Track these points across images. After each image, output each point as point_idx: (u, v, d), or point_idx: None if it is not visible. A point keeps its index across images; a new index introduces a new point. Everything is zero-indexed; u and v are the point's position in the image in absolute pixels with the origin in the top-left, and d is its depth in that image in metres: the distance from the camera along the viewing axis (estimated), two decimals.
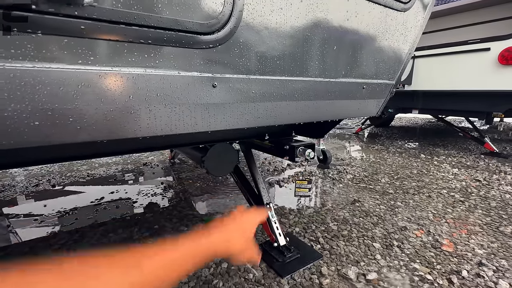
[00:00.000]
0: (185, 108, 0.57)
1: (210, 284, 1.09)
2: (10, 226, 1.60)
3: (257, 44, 0.64)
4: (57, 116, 0.43)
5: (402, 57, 1.03)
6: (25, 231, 1.54)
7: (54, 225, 1.59)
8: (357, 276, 1.14)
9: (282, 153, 1.11)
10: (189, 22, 0.54)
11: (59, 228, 1.56)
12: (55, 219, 1.67)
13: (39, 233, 1.51)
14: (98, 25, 0.45)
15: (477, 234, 1.46)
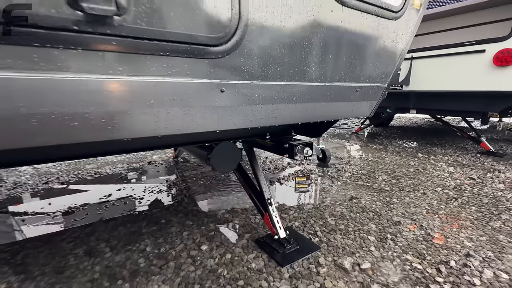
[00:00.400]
0: (197, 111, 0.65)
1: (215, 272, 1.18)
2: (24, 221, 1.69)
3: (260, 53, 0.72)
4: (95, 117, 0.51)
5: (394, 62, 1.11)
6: (39, 226, 1.62)
7: (66, 220, 1.68)
8: (352, 265, 1.22)
9: (282, 151, 1.19)
10: (200, 36, 0.62)
11: (72, 223, 1.65)
12: (67, 215, 1.76)
13: (53, 228, 1.59)
14: (126, 41, 0.53)
15: (467, 228, 1.54)
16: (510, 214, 1.71)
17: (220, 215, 1.71)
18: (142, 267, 1.22)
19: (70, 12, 0.47)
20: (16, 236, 1.50)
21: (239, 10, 0.65)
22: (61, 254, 1.32)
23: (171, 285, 1.10)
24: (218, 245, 1.38)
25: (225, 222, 1.62)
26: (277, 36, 0.75)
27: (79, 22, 0.48)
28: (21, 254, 1.32)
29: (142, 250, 1.35)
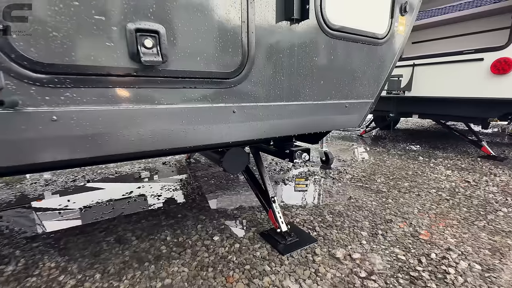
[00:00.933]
0: (216, 127, 0.86)
1: (226, 258, 1.38)
2: (61, 214, 1.94)
3: (263, 81, 0.93)
4: (145, 134, 0.73)
5: (380, 81, 1.29)
6: (73, 219, 1.87)
7: (95, 214, 1.92)
8: (344, 256, 1.40)
9: (283, 156, 1.40)
10: (218, 72, 0.83)
11: (100, 215, 1.89)
12: (95, 209, 2.00)
13: (84, 220, 1.84)
14: (166, 79, 0.74)
15: (453, 226, 1.70)
16: (496, 214, 1.85)
17: (229, 211, 1.92)
18: (164, 252, 1.44)
19: (132, 63, 0.68)
20: (55, 226, 1.75)
21: (248, 51, 0.85)
22: (96, 241, 1.56)
23: (189, 267, 1.32)
24: (228, 236, 1.59)
25: (234, 217, 1.83)
26: (277, 67, 0.95)
27: (137, 70, 0.69)
28: (63, 240, 1.57)
29: (163, 239, 1.57)
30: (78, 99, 0.64)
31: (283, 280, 1.23)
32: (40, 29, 0.58)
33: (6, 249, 1.48)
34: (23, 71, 0.58)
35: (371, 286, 1.18)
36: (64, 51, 0.61)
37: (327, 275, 1.26)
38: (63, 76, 0.62)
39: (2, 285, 1.20)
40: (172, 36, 0.73)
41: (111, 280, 1.23)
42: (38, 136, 0.61)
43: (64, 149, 0.65)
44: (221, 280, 1.23)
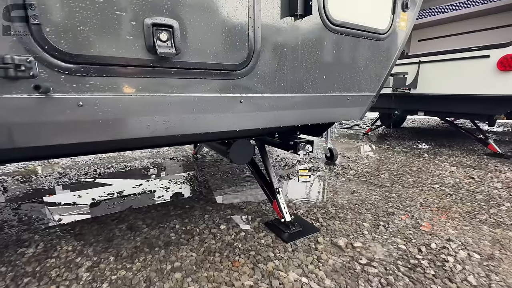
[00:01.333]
0: (224, 115, 0.92)
1: (232, 245, 1.45)
2: (74, 204, 2.04)
3: (268, 74, 0.98)
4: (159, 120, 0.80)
5: (381, 75, 1.33)
6: (86, 209, 1.97)
7: (108, 204, 2.01)
8: (346, 244, 1.45)
9: (287, 147, 1.45)
10: (227, 64, 0.89)
11: (112, 205, 1.98)
12: (107, 200, 2.09)
13: (97, 210, 1.93)
14: (179, 70, 0.81)
15: (454, 219, 1.73)
16: (498, 209, 1.87)
17: (235, 203, 1.99)
18: (173, 239, 1.52)
19: (149, 55, 0.75)
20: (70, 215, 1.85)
21: (254, 44, 0.91)
22: (109, 228, 1.64)
23: (197, 252, 1.39)
24: (234, 225, 1.66)
25: (240, 208, 1.89)
26: (281, 60, 1.01)
27: (153, 61, 0.76)
28: (78, 227, 1.66)
29: (172, 227, 1.64)
30: (101, 87, 0.71)
31: (286, 265, 1.29)
32: (69, 23, 0.65)
33: (26, 234, 1.58)
34: (54, 61, 0.65)
35: (371, 272, 1.23)
36: (89, 43, 0.68)
37: (328, 261, 1.31)
38: (88, 66, 0.69)
39: (24, 265, 1.29)
40: (185, 30, 0.80)
41: (124, 263, 1.31)
42: (66, 120, 0.69)
43: (89, 132, 0.72)
44: (227, 264, 1.29)
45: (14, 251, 1.41)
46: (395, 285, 1.15)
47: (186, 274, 1.23)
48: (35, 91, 0.62)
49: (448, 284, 1.15)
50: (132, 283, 1.17)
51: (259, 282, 1.17)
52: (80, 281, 1.18)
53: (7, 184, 2.47)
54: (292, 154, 3.49)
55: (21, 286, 1.16)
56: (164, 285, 1.16)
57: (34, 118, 0.65)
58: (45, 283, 1.17)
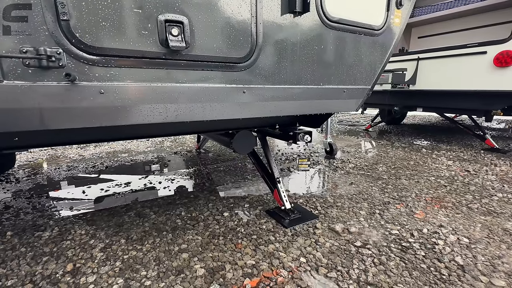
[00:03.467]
0: (228, 105, 1.00)
1: (235, 230, 1.54)
2: (85, 193, 2.13)
3: (270, 66, 1.07)
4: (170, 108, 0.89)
5: (376, 69, 1.41)
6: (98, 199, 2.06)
7: (116, 193, 2.11)
8: (342, 229, 1.54)
9: (287, 138, 1.54)
10: (231, 57, 0.97)
11: (121, 195, 2.08)
12: (116, 189, 2.19)
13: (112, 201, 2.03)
14: (188, 62, 0.89)
15: (447, 208, 1.81)
16: (490, 199, 1.95)
17: (238, 193, 2.08)
18: (180, 224, 1.61)
19: (161, 48, 0.84)
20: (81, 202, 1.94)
21: (256, 39, 1.00)
22: (118, 215, 1.74)
23: (202, 236, 1.48)
24: (237, 213, 1.75)
25: (242, 198, 1.98)
26: (281, 54, 1.09)
27: (165, 53, 0.84)
28: (89, 214, 1.75)
29: (178, 214, 1.74)
30: (120, 77, 0.80)
31: (286, 247, 1.38)
32: (93, 19, 0.74)
33: (41, 220, 1.68)
34: (80, 53, 0.74)
35: (365, 253, 1.32)
36: (110, 37, 0.76)
37: (326, 244, 1.40)
38: (109, 57, 0.77)
39: (42, 246, 1.39)
40: (194, 26, 0.88)
41: (135, 244, 1.40)
42: (90, 105, 0.77)
43: (109, 117, 0.81)
44: (231, 246, 1.38)
45: (31, 234, 1.51)
46: (387, 264, 1.23)
47: (193, 254, 1.32)
48: (65, 78, 0.71)
49: (436, 264, 1.24)
50: (143, 261, 1.27)
51: (260, 261, 1.26)
52: (95, 259, 1.28)
53: (19, 176, 2.57)
54: (293, 149, 3.58)
55: (41, 263, 1.25)
56: (172, 263, 1.25)
57: (62, 103, 0.74)
58: (62, 261, 1.27)
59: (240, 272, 1.19)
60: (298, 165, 2.47)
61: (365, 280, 1.14)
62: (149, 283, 1.13)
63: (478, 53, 2.98)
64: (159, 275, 1.17)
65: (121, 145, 3.97)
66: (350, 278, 1.15)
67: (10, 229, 1.57)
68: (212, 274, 1.18)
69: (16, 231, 1.54)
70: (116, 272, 1.19)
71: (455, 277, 1.16)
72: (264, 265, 1.24)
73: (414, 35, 4.49)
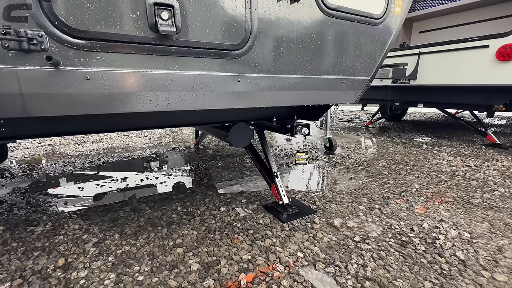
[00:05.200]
0: (222, 94, 0.97)
1: (231, 224, 1.51)
2: (81, 188, 2.10)
3: (265, 54, 1.03)
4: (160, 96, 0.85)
5: (376, 59, 1.37)
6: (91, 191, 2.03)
7: (111, 188, 2.08)
8: (341, 224, 1.51)
9: (285, 131, 1.50)
10: (225, 44, 0.93)
11: (116, 190, 2.05)
12: (112, 184, 2.16)
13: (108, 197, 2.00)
14: (179, 49, 0.86)
15: (448, 203, 1.78)
16: (492, 194, 1.92)
17: (235, 188, 2.05)
18: (175, 219, 1.58)
19: (151, 33, 0.80)
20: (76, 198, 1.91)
21: (251, 25, 0.96)
22: (113, 210, 1.71)
23: (197, 231, 1.45)
24: (234, 208, 1.72)
25: (240, 193, 1.95)
26: (278, 42, 1.05)
27: (155, 39, 0.81)
28: (84, 209, 1.72)
29: (174, 209, 1.71)
30: (107, 62, 0.76)
31: (283, 242, 1.34)
32: (77, 0, 0.70)
33: (34, 215, 1.65)
34: (63, 36, 0.70)
35: (364, 248, 1.29)
36: (96, 20, 0.73)
37: (324, 239, 1.37)
38: (95, 41, 0.74)
39: (34, 241, 1.36)
40: (185, 11, 0.84)
41: (129, 239, 1.37)
42: (75, 92, 0.74)
43: (96, 104, 0.77)
44: (227, 241, 1.35)
45: (24, 229, 1.48)
46: (386, 259, 1.20)
47: (188, 249, 1.29)
48: (47, 61, 0.67)
49: (437, 259, 1.21)
50: (137, 256, 1.24)
51: (256, 256, 1.23)
52: (87, 254, 1.25)
53: (14, 172, 2.54)
54: (292, 145, 3.54)
55: (32, 258, 1.23)
56: (166, 258, 1.22)
57: (45, 89, 0.70)
58: (54, 256, 1.24)
59: (236, 267, 1.16)
60: (295, 158, 2.43)
61: (364, 275, 1.11)
62: (142, 278, 1.10)
63: (480, 47, 2.93)
64: (152, 270, 1.14)
65: (119, 141, 3.94)
66: (348, 273, 1.12)
67: (3, 224, 1.54)
68: (207, 269, 1.15)
69: (8, 226, 1.51)
70: (109, 267, 1.17)
71: (456, 272, 1.12)
72: (261, 260, 1.21)
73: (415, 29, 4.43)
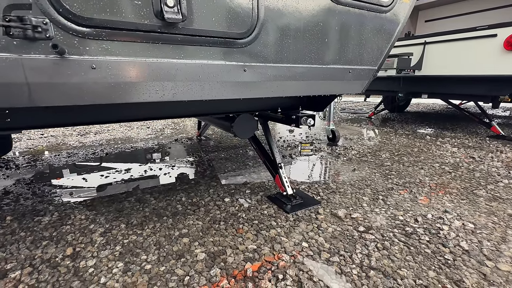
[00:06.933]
0: (228, 83, 0.95)
1: (236, 215, 1.52)
2: (85, 180, 2.12)
3: (272, 43, 1.01)
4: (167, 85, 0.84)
5: (384, 49, 1.34)
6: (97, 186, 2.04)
7: (116, 179, 2.09)
8: (345, 215, 1.52)
9: (290, 122, 1.49)
10: (231, 32, 0.91)
11: (120, 181, 2.06)
12: (116, 175, 2.17)
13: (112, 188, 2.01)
14: (185, 37, 0.84)
15: (452, 194, 1.78)
16: (496, 185, 1.91)
17: (239, 179, 2.05)
18: (180, 210, 1.59)
19: (156, 21, 0.78)
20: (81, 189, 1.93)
21: (257, 14, 0.93)
22: (118, 201, 1.72)
23: (203, 221, 1.46)
24: (238, 198, 1.73)
25: (244, 184, 1.96)
26: (284, 30, 1.03)
27: (161, 27, 0.79)
28: (89, 200, 1.74)
29: (179, 200, 1.72)
30: (113, 51, 0.75)
31: (288, 232, 1.36)
32: None
33: (41, 205, 1.66)
34: (68, 23, 0.69)
35: (369, 238, 1.30)
36: (101, 7, 0.71)
37: (328, 229, 1.38)
38: (100, 29, 0.72)
39: (41, 231, 1.38)
40: None
41: (135, 229, 1.39)
42: (81, 81, 0.73)
43: (101, 94, 0.77)
44: (232, 231, 1.37)
45: (31, 219, 1.49)
46: (391, 249, 1.21)
47: (193, 239, 1.31)
48: (53, 50, 0.66)
49: (441, 249, 1.21)
50: (143, 246, 1.25)
51: (262, 246, 1.25)
52: (94, 244, 1.27)
53: (19, 163, 2.55)
54: (294, 136, 3.53)
55: (40, 247, 1.24)
56: (173, 248, 1.24)
57: (50, 78, 0.69)
58: (62, 245, 1.26)
59: (241, 256, 1.18)
60: (300, 150, 2.43)
61: (368, 264, 1.12)
62: (150, 267, 1.11)
63: (487, 36, 2.87)
64: (159, 259, 1.16)
65: (121, 132, 3.94)
66: (353, 262, 1.13)
67: (10, 214, 1.56)
68: (213, 258, 1.17)
69: (16, 216, 1.53)
70: (116, 256, 1.18)
71: (460, 261, 1.13)
72: (266, 249, 1.22)
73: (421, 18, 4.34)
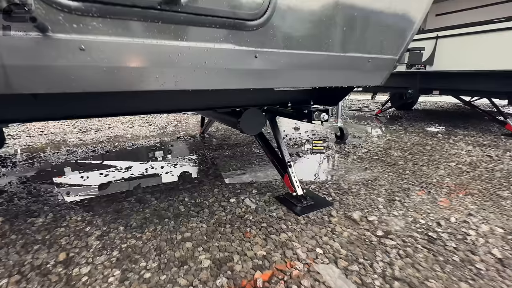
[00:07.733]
0: (237, 71, 0.84)
1: (243, 217, 1.41)
2: (83, 178, 2.02)
3: (286, 27, 0.89)
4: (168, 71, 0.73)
5: (406, 36, 1.22)
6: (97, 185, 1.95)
7: (116, 178, 1.99)
8: (360, 218, 1.40)
9: (301, 117, 1.37)
10: (241, 13, 0.80)
11: (121, 180, 1.96)
12: (116, 174, 2.07)
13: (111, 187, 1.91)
14: (189, 16, 0.73)
15: (473, 195, 1.66)
16: None
17: (244, 178, 1.95)
18: (183, 211, 1.49)
19: None
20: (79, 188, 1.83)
21: None
22: (117, 201, 1.62)
23: (207, 223, 1.36)
24: (244, 199, 1.62)
25: (250, 184, 1.85)
26: (300, 13, 0.92)
27: (161, 2, 0.68)
28: (87, 199, 1.64)
29: (181, 200, 1.61)
30: (105, 30, 0.64)
31: (299, 236, 1.25)
32: None
33: (35, 205, 1.57)
34: None
35: (389, 244, 1.18)
36: None
37: (343, 234, 1.26)
38: (89, 4, 0.61)
39: (34, 234, 1.28)
40: None
41: (134, 232, 1.29)
42: (68, 64, 0.62)
43: (92, 81, 0.66)
44: (239, 235, 1.26)
45: (24, 221, 1.40)
46: (415, 257, 1.10)
47: (197, 243, 1.20)
48: (32, 24, 0.56)
49: (470, 257, 1.10)
50: (143, 251, 1.15)
51: (272, 252, 1.14)
52: (90, 248, 1.17)
53: (16, 160, 2.47)
54: (299, 134, 3.41)
55: (31, 252, 1.15)
56: (175, 253, 1.14)
57: (31, 60, 0.59)
58: (55, 250, 1.16)
59: (250, 264, 1.07)
60: (312, 147, 2.31)
61: (392, 274, 1.01)
62: (149, 275, 1.01)
63: (505, 29, 2.73)
64: (160, 267, 1.06)
65: (123, 129, 3.85)
66: (374, 272, 1.02)
67: (2, 214, 1.46)
68: (219, 266, 1.06)
69: (8, 217, 1.44)
70: (113, 262, 1.08)
71: (494, 271, 1.02)
72: (277, 256, 1.11)
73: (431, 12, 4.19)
